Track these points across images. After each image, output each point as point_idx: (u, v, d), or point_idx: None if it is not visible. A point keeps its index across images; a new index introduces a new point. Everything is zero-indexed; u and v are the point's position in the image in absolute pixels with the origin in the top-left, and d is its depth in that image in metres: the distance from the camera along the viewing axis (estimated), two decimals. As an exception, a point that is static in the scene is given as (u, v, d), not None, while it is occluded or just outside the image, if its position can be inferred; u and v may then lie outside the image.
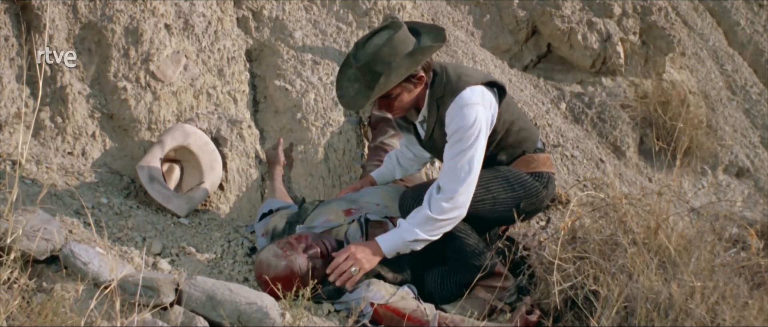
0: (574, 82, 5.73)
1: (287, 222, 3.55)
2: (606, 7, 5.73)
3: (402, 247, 3.17)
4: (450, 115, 3.15)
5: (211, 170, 3.83)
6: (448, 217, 3.11)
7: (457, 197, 3.09)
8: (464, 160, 3.09)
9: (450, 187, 3.10)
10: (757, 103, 6.63)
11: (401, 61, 3.08)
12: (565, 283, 2.93)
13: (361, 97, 3.18)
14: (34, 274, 2.67)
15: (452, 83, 3.18)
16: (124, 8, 3.88)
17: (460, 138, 3.11)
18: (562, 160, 5.02)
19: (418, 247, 3.18)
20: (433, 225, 3.11)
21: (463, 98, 3.13)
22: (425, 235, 3.13)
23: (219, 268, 3.41)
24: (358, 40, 3.19)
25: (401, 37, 3.09)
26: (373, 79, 3.10)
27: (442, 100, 3.19)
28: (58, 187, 3.42)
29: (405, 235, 3.14)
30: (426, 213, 3.11)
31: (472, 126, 3.10)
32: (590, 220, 3.20)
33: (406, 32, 3.13)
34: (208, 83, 4.05)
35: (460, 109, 3.12)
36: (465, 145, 3.10)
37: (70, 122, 3.69)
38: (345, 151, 4.25)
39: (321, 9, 4.67)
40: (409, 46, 3.11)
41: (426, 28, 3.26)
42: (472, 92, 3.14)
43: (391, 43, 3.06)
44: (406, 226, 3.14)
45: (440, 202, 3.10)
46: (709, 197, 5.52)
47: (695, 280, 2.70)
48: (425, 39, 3.18)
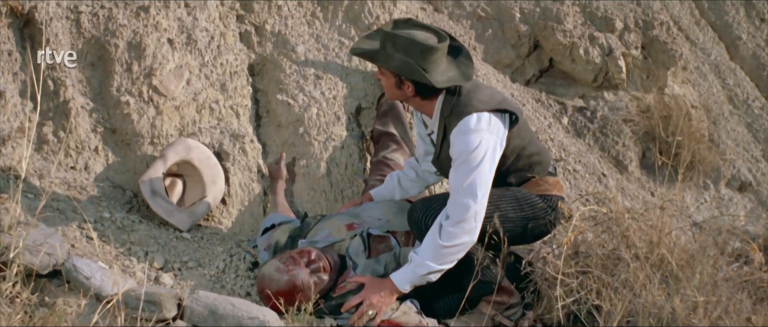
0: (576, 97, 5.73)
1: (289, 236, 3.55)
2: (608, 21, 5.74)
3: (417, 280, 3.13)
4: (454, 140, 3.15)
5: (214, 184, 3.83)
6: (457, 244, 3.06)
7: (464, 223, 3.04)
8: (468, 186, 3.05)
9: (457, 214, 3.06)
10: (759, 117, 6.64)
11: (400, 58, 3.12)
12: (567, 297, 2.92)
13: (364, 48, 3.28)
14: (36, 289, 2.67)
15: (460, 105, 3.17)
16: (128, 23, 3.89)
17: (464, 161, 3.08)
18: (565, 174, 5.02)
19: (432, 278, 3.13)
20: (444, 253, 3.07)
21: (467, 124, 3.11)
22: (438, 265, 3.08)
23: (221, 283, 3.40)
24: (411, 19, 3.30)
25: (425, 47, 3.10)
26: (380, 47, 3.20)
27: (449, 120, 3.19)
28: (60, 201, 3.42)
29: (418, 270, 3.10)
30: (437, 242, 3.07)
31: (474, 151, 3.07)
32: (593, 234, 3.19)
33: (437, 49, 3.13)
34: (210, 97, 4.05)
35: (464, 135, 3.10)
36: (468, 170, 3.06)
37: (73, 136, 3.70)
38: (347, 166, 4.25)
39: (323, 24, 4.68)
40: (420, 58, 3.12)
41: (463, 65, 3.26)
42: (478, 119, 3.12)
43: (413, 42, 3.10)
44: (418, 260, 3.10)
45: (448, 228, 3.06)
46: (712, 211, 5.52)
47: (698, 295, 2.70)
48: (448, 69, 3.21)
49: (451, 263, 3.11)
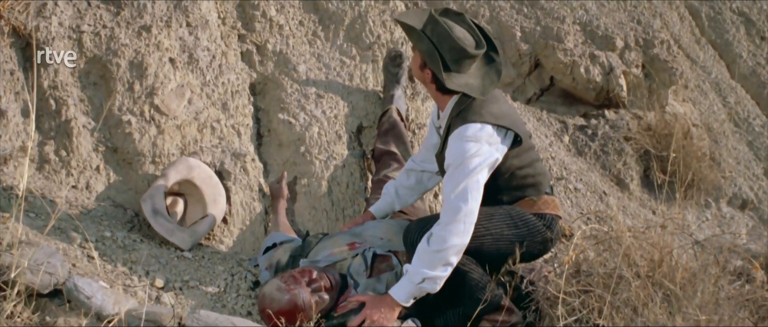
0: (577, 115, 5.74)
1: (291, 255, 3.54)
2: (608, 40, 5.76)
3: (415, 291, 3.12)
4: (451, 143, 3.17)
5: (215, 204, 3.83)
6: (446, 246, 3.04)
7: (454, 225, 3.05)
8: (460, 190, 3.07)
9: (447, 217, 3.07)
10: (760, 135, 6.64)
11: (430, 45, 3.17)
12: (569, 317, 2.91)
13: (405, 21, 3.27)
14: (37, 308, 2.66)
15: (469, 111, 3.20)
16: (129, 42, 3.91)
17: (458, 167, 3.10)
18: (566, 192, 5.02)
19: (429, 287, 3.11)
20: (435, 258, 3.06)
21: (467, 130, 3.13)
22: (431, 271, 3.07)
23: (222, 302, 3.40)
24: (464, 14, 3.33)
25: (458, 47, 3.16)
26: (421, 26, 3.23)
27: (454, 121, 3.21)
28: (62, 221, 3.42)
29: (413, 279, 3.10)
30: (425, 249, 3.09)
31: (470, 157, 3.09)
32: (594, 253, 3.19)
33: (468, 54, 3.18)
34: (212, 117, 4.06)
35: (462, 141, 3.13)
36: (462, 175, 3.08)
37: (75, 156, 3.71)
38: (348, 185, 4.25)
39: (324, 43, 4.70)
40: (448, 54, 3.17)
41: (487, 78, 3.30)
42: (480, 128, 3.14)
43: (449, 37, 3.15)
44: (412, 269, 3.11)
45: (438, 232, 3.07)
46: (713, 230, 5.51)
47: (700, 314, 2.69)
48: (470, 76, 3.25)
49: (445, 269, 3.09)
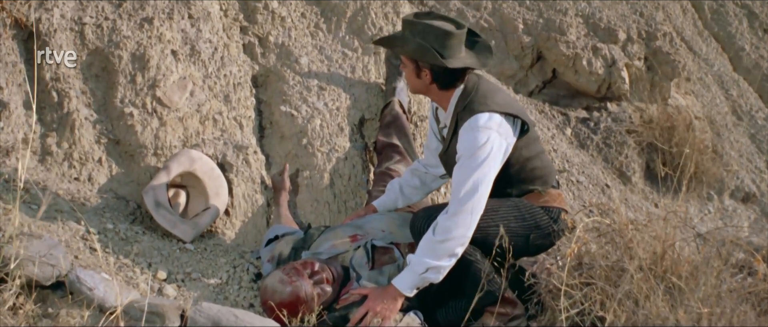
0: (580, 108, 5.73)
1: (293, 248, 3.54)
2: (611, 32, 5.75)
3: (418, 281, 3.13)
4: (462, 135, 3.16)
5: (217, 196, 3.83)
6: (451, 237, 3.05)
7: (460, 216, 3.05)
8: (471, 180, 3.06)
9: (454, 207, 3.07)
10: (763, 128, 6.63)
11: (417, 42, 3.18)
12: (571, 309, 2.91)
13: (384, 37, 3.46)
14: (39, 300, 2.67)
15: (475, 102, 3.20)
16: (131, 34, 3.90)
17: (469, 157, 3.10)
18: (568, 185, 5.02)
19: (433, 277, 3.11)
20: (439, 248, 3.06)
21: (478, 120, 3.13)
22: (434, 261, 3.07)
23: (224, 294, 3.40)
24: (433, 11, 3.49)
25: (442, 32, 3.16)
26: (398, 34, 3.29)
27: (461, 116, 3.21)
28: (64, 213, 3.43)
29: (416, 269, 3.10)
30: (430, 239, 3.09)
31: (481, 147, 3.09)
32: (596, 246, 3.19)
33: (454, 35, 3.19)
34: (214, 109, 4.06)
35: (473, 131, 3.12)
36: (473, 165, 3.08)
37: (77, 148, 3.70)
38: (350, 177, 4.25)
39: (327, 35, 4.69)
40: (436, 42, 3.17)
41: (481, 54, 3.34)
42: (489, 118, 3.14)
43: (431, 27, 3.16)
44: (415, 259, 3.11)
45: (443, 222, 3.07)
46: (716, 223, 5.50)
47: (702, 307, 2.69)
48: (465, 56, 3.27)
49: (449, 259, 3.10)
